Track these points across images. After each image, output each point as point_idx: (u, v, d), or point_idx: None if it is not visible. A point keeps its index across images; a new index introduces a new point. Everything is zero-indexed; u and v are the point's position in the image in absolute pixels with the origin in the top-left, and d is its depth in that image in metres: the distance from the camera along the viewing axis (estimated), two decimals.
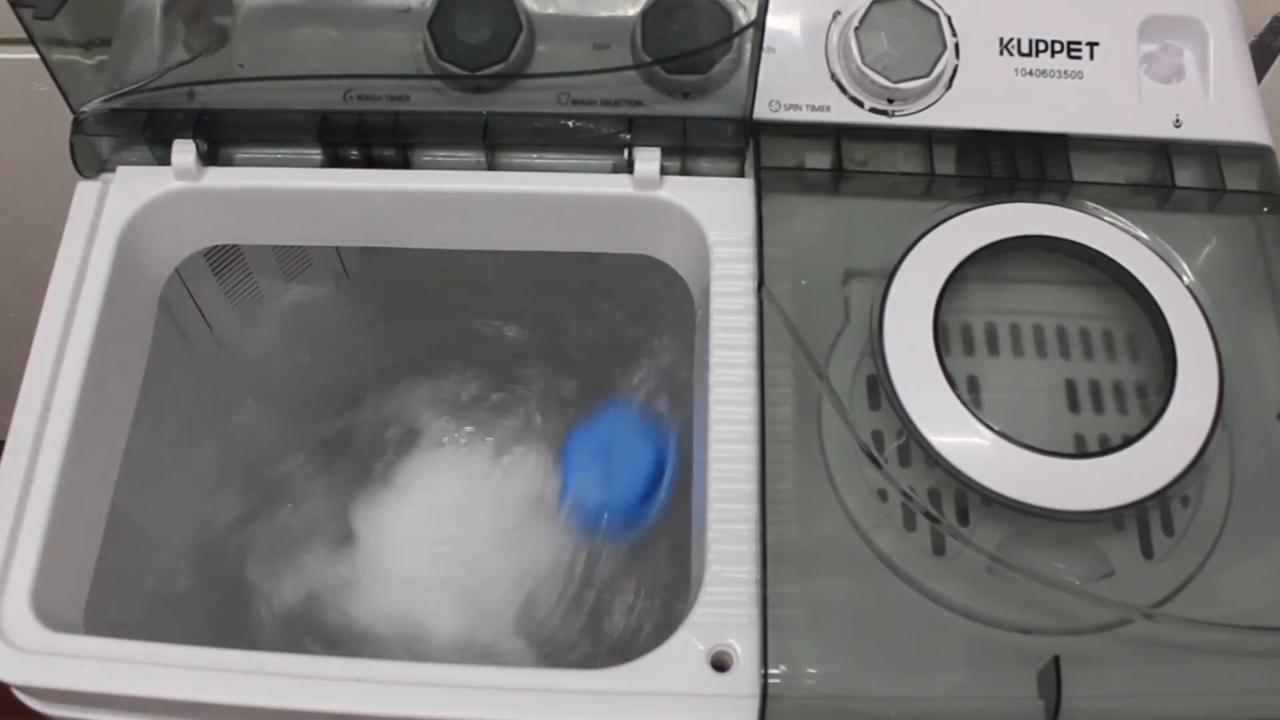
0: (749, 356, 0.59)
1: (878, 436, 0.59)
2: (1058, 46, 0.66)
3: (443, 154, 0.66)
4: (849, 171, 0.65)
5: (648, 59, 0.64)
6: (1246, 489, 0.58)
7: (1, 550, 0.56)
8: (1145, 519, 0.57)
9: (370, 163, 0.66)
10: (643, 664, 0.53)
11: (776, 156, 0.65)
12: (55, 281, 0.63)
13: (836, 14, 0.66)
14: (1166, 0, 0.67)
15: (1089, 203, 0.64)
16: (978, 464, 0.56)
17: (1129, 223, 0.64)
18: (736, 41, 0.64)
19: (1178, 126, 0.66)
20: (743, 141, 0.65)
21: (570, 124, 0.65)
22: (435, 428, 0.80)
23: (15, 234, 0.98)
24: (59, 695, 0.55)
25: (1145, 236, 0.63)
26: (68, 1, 0.60)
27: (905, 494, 0.57)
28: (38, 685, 0.54)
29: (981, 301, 0.63)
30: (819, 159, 0.65)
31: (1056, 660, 0.52)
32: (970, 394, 0.61)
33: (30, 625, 0.55)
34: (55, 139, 0.65)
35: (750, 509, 0.56)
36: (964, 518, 0.57)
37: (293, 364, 0.82)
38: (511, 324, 0.83)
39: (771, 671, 0.52)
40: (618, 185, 0.65)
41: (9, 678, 0.54)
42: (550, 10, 0.66)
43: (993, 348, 0.63)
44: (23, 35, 0.61)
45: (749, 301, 0.61)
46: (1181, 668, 0.54)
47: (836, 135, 0.65)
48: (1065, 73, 0.66)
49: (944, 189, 0.65)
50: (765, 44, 0.62)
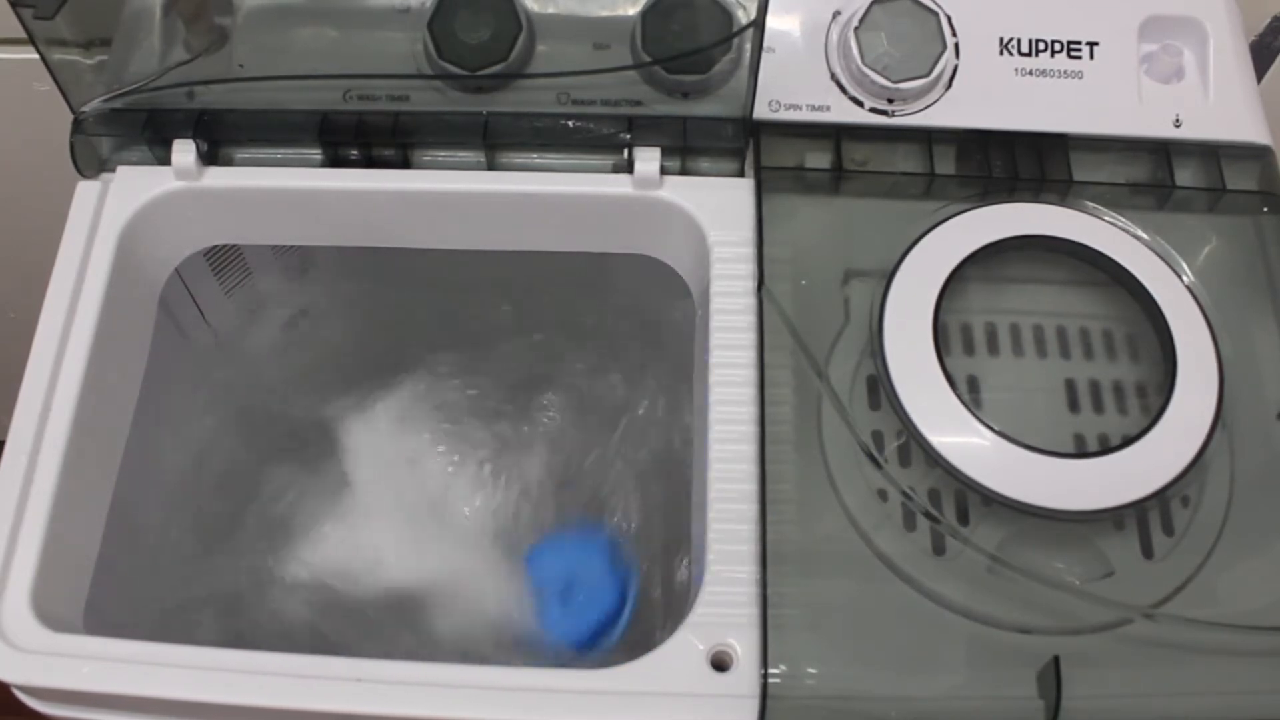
0: (749, 356, 0.59)
1: (878, 436, 0.59)
2: (1058, 46, 0.66)
3: (443, 154, 0.66)
4: (849, 171, 0.65)
5: (648, 59, 0.64)
6: (1246, 489, 0.58)
7: (1, 550, 0.56)
8: (1145, 519, 0.57)
9: (370, 163, 0.66)
10: (643, 664, 0.53)
11: (776, 156, 0.65)
12: (55, 281, 0.63)
13: (836, 14, 0.66)
14: (1166, 0, 0.67)
15: (1089, 203, 0.64)
16: (978, 464, 0.56)
17: (1129, 223, 0.64)
18: (736, 41, 0.64)
19: (1178, 126, 0.66)
20: (743, 141, 0.65)
21: (570, 124, 0.65)
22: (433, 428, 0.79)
23: (15, 234, 0.98)
24: (59, 695, 0.55)
25: (1145, 236, 0.63)
26: (68, 1, 0.60)
27: (905, 494, 0.57)
28: (38, 685, 0.54)
29: (981, 301, 0.63)
30: (819, 159, 0.65)
31: (1056, 660, 0.52)
32: (970, 394, 0.61)
33: (30, 625, 0.55)
34: (55, 139, 0.65)
35: (750, 509, 0.56)
36: (964, 518, 0.57)
37: (292, 363, 0.82)
38: (513, 320, 0.83)
39: (771, 671, 0.52)
40: (618, 185, 0.65)
41: (9, 678, 0.54)
42: (550, 10, 0.66)
43: (993, 348, 0.63)
44: (23, 35, 0.61)
45: (749, 301, 0.61)
46: (1181, 668, 0.54)
47: (836, 135, 0.65)
48: (1065, 73, 0.66)
49: (944, 189, 0.65)
50: (765, 44, 0.62)
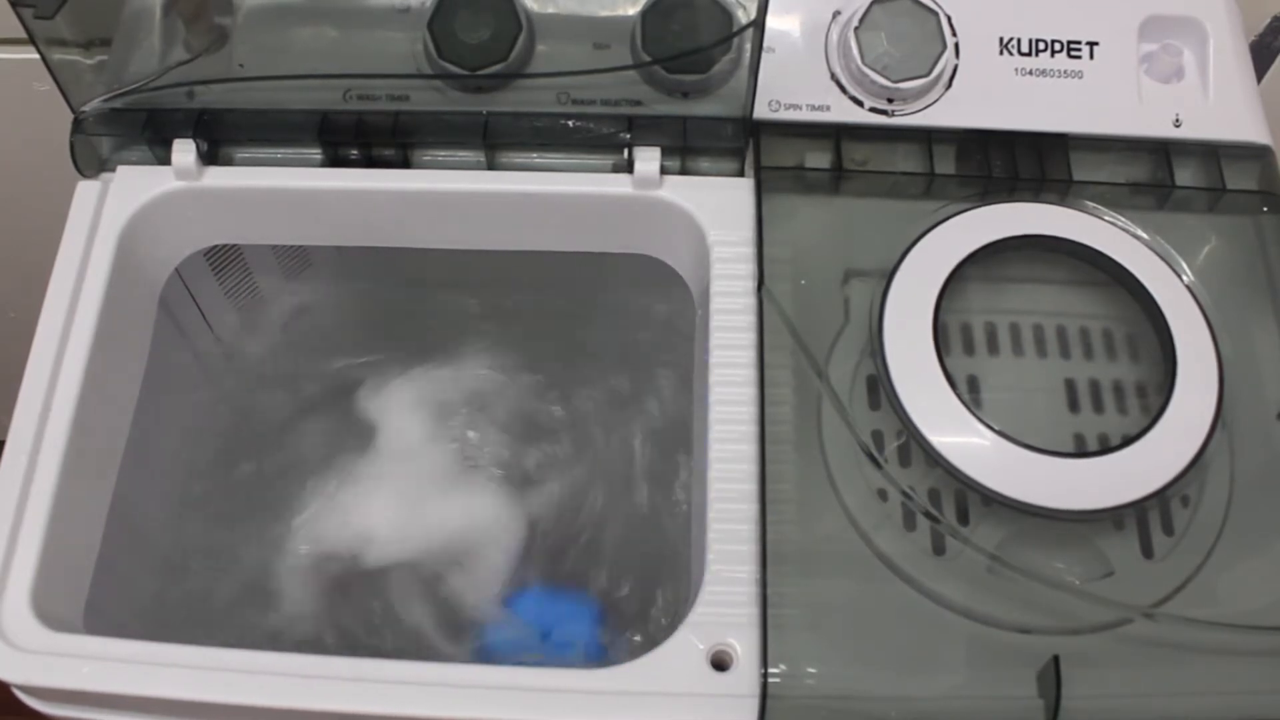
0: (749, 356, 0.59)
1: (878, 436, 0.59)
2: (1058, 46, 0.66)
3: (443, 154, 0.66)
4: (849, 171, 0.65)
5: (648, 59, 0.64)
6: (1246, 489, 0.58)
7: (1, 550, 0.56)
8: (1145, 519, 0.57)
9: (370, 162, 0.66)
10: (643, 663, 0.53)
11: (776, 156, 0.65)
12: (55, 281, 0.63)
13: (836, 14, 0.66)
14: (1166, 0, 0.67)
15: (1089, 202, 0.64)
16: (978, 464, 0.56)
17: (1129, 222, 0.64)
18: (736, 41, 0.64)
19: (1178, 126, 0.66)
20: (743, 141, 0.65)
21: (570, 124, 0.65)
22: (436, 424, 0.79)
23: (15, 234, 0.98)
24: (59, 695, 0.55)
25: (1145, 236, 0.63)
26: (68, 1, 0.61)
27: (905, 494, 0.57)
28: (38, 685, 0.54)
29: (981, 301, 0.63)
30: (819, 159, 0.65)
31: (1056, 660, 0.52)
32: (970, 394, 0.61)
33: (30, 625, 0.55)
34: (55, 139, 0.65)
35: (750, 509, 0.56)
36: (964, 517, 0.57)
37: (292, 362, 0.81)
38: (513, 316, 0.83)
39: (771, 671, 0.52)
40: (618, 185, 0.65)
41: (9, 678, 0.54)
42: (550, 10, 0.66)
43: (993, 347, 0.63)
44: (23, 35, 0.61)
45: (749, 301, 0.61)
46: (1181, 668, 0.54)
47: (836, 135, 0.65)
48: (1065, 72, 0.66)
49: (944, 189, 0.65)
50: (765, 44, 0.62)
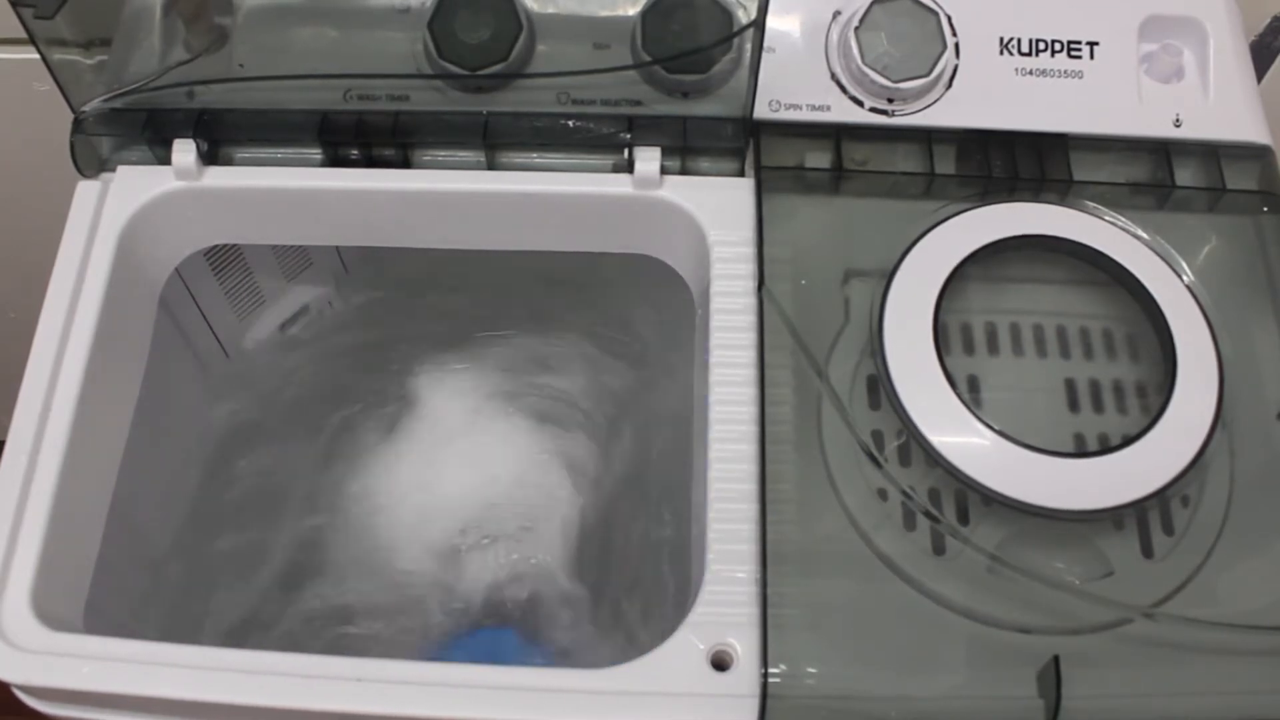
0: (749, 356, 0.59)
1: (878, 436, 0.59)
2: (1058, 46, 0.66)
3: (443, 154, 0.66)
4: (849, 171, 0.65)
5: (648, 59, 0.64)
6: (1246, 489, 0.58)
7: (1, 550, 0.56)
8: (1145, 519, 0.57)
9: (370, 162, 0.66)
10: (643, 663, 0.53)
11: (776, 156, 0.65)
12: (55, 281, 0.62)
13: (836, 14, 0.66)
14: (1166, 0, 0.67)
15: (1089, 202, 0.64)
16: (978, 464, 0.56)
17: (1129, 222, 0.64)
18: (736, 41, 0.64)
19: (1178, 126, 0.66)
20: (743, 141, 0.65)
21: (570, 124, 0.65)
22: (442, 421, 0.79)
23: (15, 234, 0.98)
24: (59, 695, 0.55)
25: (1145, 236, 0.63)
26: (68, 1, 0.60)
27: (905, 494, 0.57)
28: (38, 685, 0.54)
29: (981, 301, 0.63)
30: (819, 159, 0.65)
31: (1056, 660, 0.52)
32: (970, 394, 0.61)
33: (30, 625, 0.54)
34: (55, 139, 0.65)
35: (750, 509, 0.56)
36: (964, 517, 0.57)
37: (292, 362, 0.81)
38: (515, 314, 0.83)
39: (771, 671, 0.52)
40: (618, 185, 0.65)
41: (9, 677, 0.54)
42: (550, 10, 0.65)
43: (993, 347, 0.63)
44: (23, 35, 0.61)
45: (749, 301, 0.61)
46: (1181, 668, 0.54)
47: (836, 135, 0.65)
48: (1065, 72, 0.66)
49: (944, 189, 0.65)
50: (765, 44, 0.62)
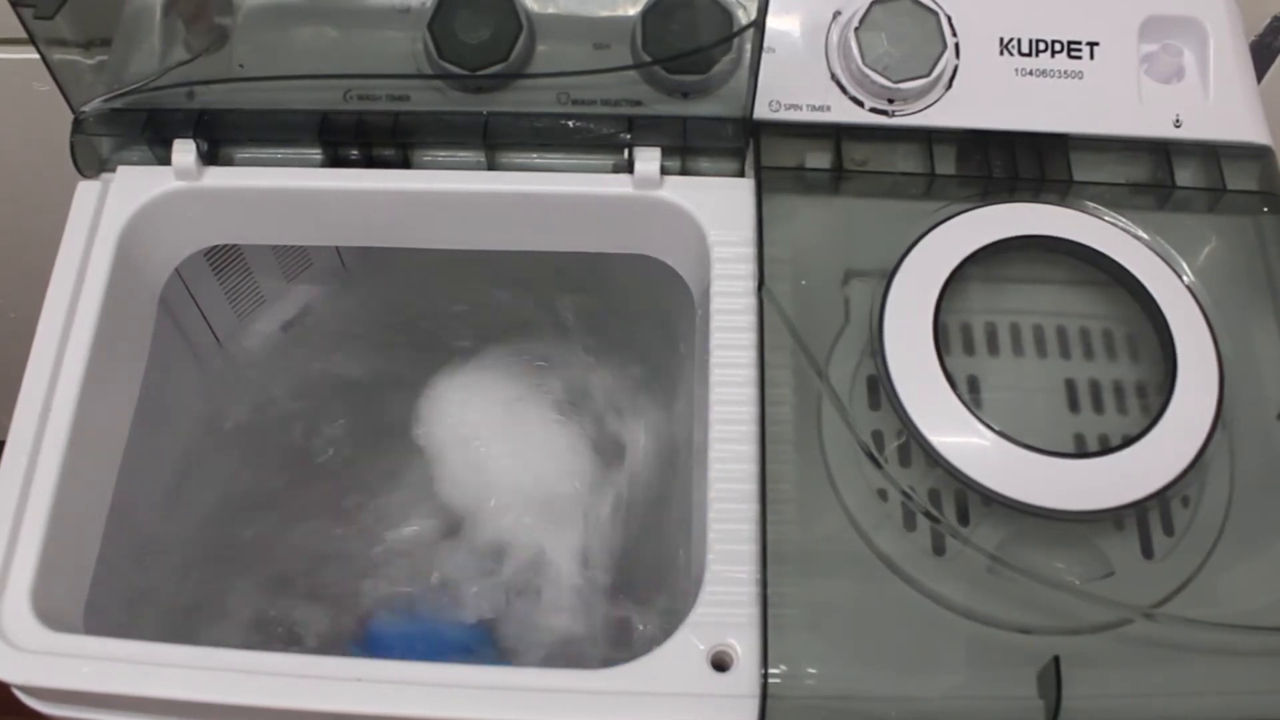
0: (749, 356, 0.59)
1: (878, 436, 0.59)
2: (1058, 46, 0.66)
3: (443, 154, 0.66)
4: (849, 171, 0.65)
5: (648, 59, 0.64)
6: (1246, 489, 0.58)
7: (1, 550, 0.56)
8: (1145, 519, 0.57)
9: (370, 163, 0.66)
10: (643, 664, 0.53)
11: (776, 156, 0.65)
12: (55, 281, 0.62)
13: (836, 14, 0.66)
14: (1166, 0, 0.67)
15: (1089, 203, 0.64)
16: (978, 464, 0.56)
17: (1129, 223, 0.64)
18: (736, 41, 0.64)
19: (1178, 126, 0.66)
20: (743, 141, 0.65)
21: (570, 124, 0.65)
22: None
23: (15, 234, 0.98)
24: (59, 695, 0.55)
25: (1145, 236, 0.63)
26: (68, 1, 0.60)
27: (905, 494, 0.57)
28: (38, 685, 0.54)
29: (981, 301, 0.63)
30: (819, 159, 0.65)
31: (1056, 660, 0.52)
32: (970, 394, 0.61)
33: (30, 625, 0.54)
34: (55, 139, 0.65)
35: (750, 509, 0.56)
36: (964, 518, 0.57)
37: (292, 362, 0.81)
38: (515, 314, 0.83)
39: (771, 671, 0.52)
40: (618, 185, 0.65)
41: (9, 678, 0.54)
42: (550, 10, 0.65)
43: (993, 348, 0.63)
44: (23, 35, 0.61)
45: (749, 301, 0.61)
46: (1181, 668, 0.54)
47: (836, 135, 0.65)
48: (1065, 73, 0.66)
49: (944, 189, 0.65)
50: (765, 44, 0.62)
